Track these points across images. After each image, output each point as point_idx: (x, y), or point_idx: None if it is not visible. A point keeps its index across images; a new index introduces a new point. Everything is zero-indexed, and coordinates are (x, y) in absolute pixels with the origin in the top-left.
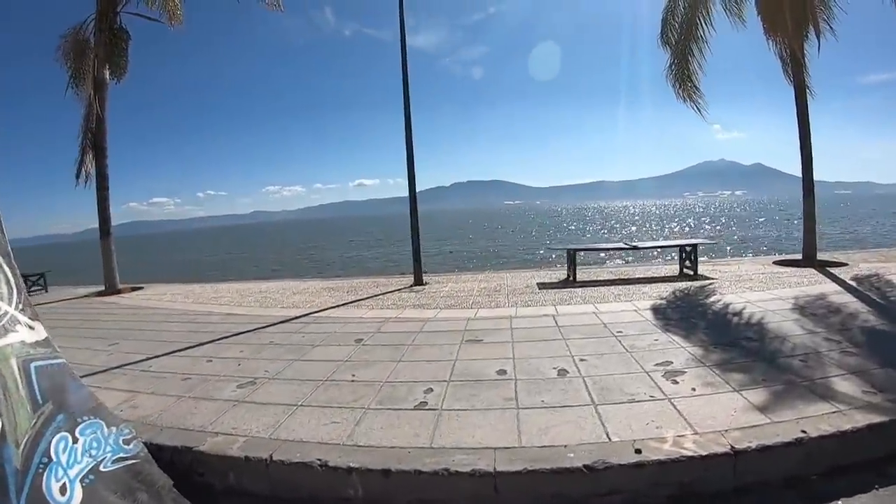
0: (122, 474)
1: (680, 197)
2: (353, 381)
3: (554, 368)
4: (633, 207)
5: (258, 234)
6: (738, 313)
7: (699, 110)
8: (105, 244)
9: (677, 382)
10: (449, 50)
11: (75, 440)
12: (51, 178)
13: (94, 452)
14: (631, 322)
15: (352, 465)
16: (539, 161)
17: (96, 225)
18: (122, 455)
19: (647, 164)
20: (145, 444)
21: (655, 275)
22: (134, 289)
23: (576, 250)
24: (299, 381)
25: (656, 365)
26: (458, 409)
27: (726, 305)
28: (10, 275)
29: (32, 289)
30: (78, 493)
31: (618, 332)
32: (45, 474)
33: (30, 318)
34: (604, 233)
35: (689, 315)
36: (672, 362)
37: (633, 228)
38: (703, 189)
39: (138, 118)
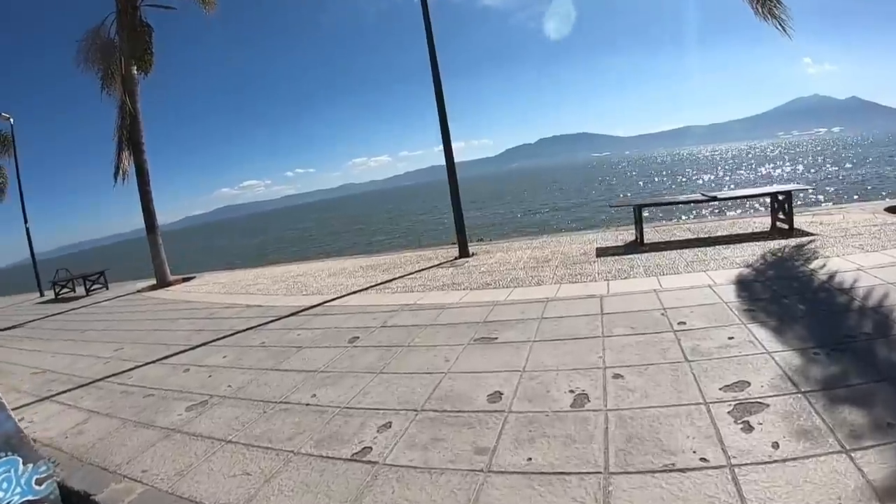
0: None
1: (773, 137)
2: (307, 405)
3: (570, 392)
4: (724, 152)
5: (343, 206)
6: (849, 290)
7: (783, 28)
8: (152, 239)
9: (751, 428)
10: (520, 5)
11: None
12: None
13: (1, 494)
14: (700, 306)
15: None
16: (624, 110)
17: (191, 214)
18: (30, 497)
19: (735, 106)
20: (60, 483)
21: (742, 231)
22: (185, 279)
23: (641, 206)
24: (252, 402)
25: (724, 388)
26: (404, 466)
27: (831, 276)
28: None
29: (93, 287)
30: None
31: (679, 323)
32: None
33: None
34: (688, 178)
35: (780, 293)
36: (749, 384)
37: (722, 174)
38: (798, 127)
39: (225, 105)
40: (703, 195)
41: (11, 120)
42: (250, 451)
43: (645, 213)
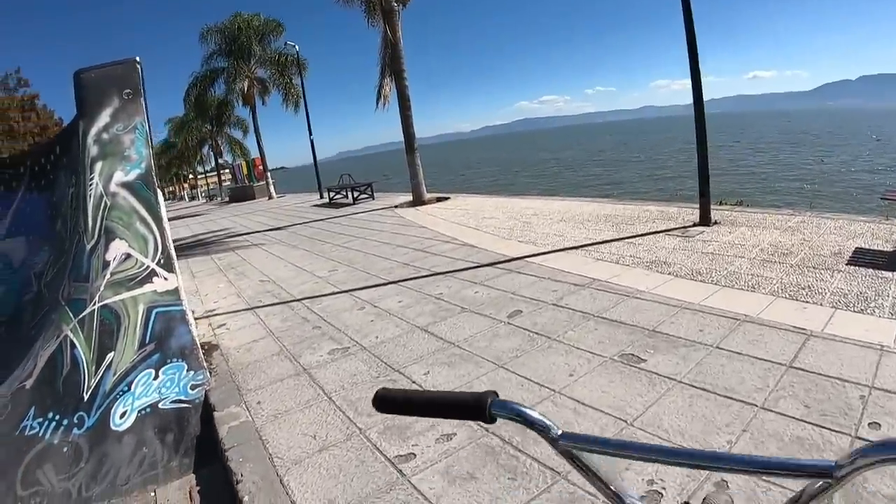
0: (169, 414)
1: None
2: (412, 382)
3: (649, 482)
4: None
5: (640, 130)
6: None
7: None
8: (410, 160)
9: None
10: None
11: (156, 377)
12: (455, 80)
13: (163, 390)
14: None
15: None
16: None
17: (490, 124)
18: (182, 398)
19: None
20: (207, 392)
21: None
22: (440, 199)
23: None
24: (378, 362)
25: None
26: (422, 493)
27: None
28: (157, 235)
29: (360, 197)
30: (131, 420)
31: (871, 423)
32: (119, 400)
33: (167, 271)
34: None
35: None
36: None
37: None
38: None
39: (529, 20)
40: None
41: (297, 47)
42: (335, 415)
43: None
